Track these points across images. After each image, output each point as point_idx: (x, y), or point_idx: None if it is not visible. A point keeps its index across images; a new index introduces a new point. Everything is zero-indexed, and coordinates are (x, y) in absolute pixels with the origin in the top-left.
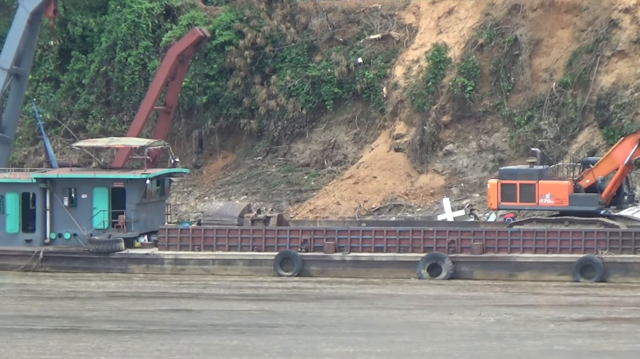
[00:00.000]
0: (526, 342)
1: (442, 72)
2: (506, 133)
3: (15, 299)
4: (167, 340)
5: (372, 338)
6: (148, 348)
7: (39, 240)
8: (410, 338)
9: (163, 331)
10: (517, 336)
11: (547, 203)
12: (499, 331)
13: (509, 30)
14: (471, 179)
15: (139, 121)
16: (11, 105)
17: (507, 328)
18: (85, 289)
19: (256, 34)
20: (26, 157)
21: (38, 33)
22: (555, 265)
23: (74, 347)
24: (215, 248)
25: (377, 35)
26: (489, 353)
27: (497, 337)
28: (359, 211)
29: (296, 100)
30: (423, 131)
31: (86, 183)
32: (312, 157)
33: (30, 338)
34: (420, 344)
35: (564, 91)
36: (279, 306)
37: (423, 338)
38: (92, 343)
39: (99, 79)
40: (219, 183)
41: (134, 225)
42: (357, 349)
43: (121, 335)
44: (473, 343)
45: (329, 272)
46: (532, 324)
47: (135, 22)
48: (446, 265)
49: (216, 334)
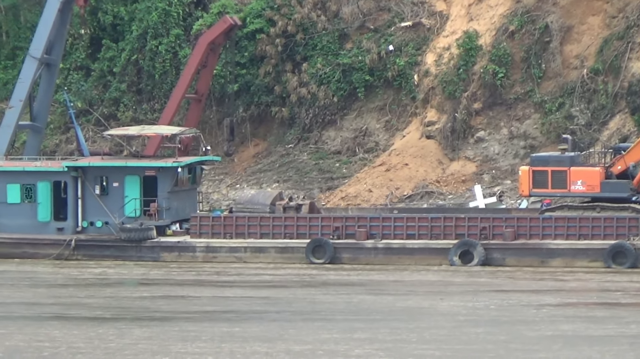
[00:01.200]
0: (504, 327)
1: (473, 59)
2: (537, 120)
3: (51, 287)
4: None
5: (355, 323)
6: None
7: (71, 229)
8: (394, 324)
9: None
10: (495, 322)
11: (578, 190)
12: (479, 317)
13: (540, 17)
14: (502, 166)
15: (170, 109)
16: (42, 94)
17: (492, 313)
18: (119, 276)
19: (287, 22)
20: (57, 145)
21: (69, 22)
22: (587, 252)
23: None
24: (247, 235)
25: (408, 23)
26: (460, 336)
27: (475, 322)
28: (390, 199)
29: (327, 87)
30: (454, 118)
31: (118, 171)
32: (343, 145)
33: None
34: (397, 330)
35: (595, 78)
36: (283, 293)
37: (404, 323)
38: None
39: (130, 67)
40: (251, 171)
41: (166, 213)
42: (342, 335)
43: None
44: (449, 329)
45: (360, 259)
46: (517, 310)
47: (166, 10)
48: (478, 251)
49: (207, 321)
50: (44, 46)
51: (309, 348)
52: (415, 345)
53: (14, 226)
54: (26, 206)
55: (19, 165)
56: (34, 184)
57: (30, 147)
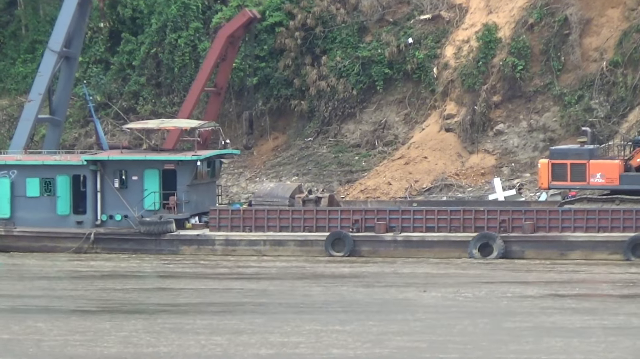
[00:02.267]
0: (480, 318)
1: (493, 52)
2: (557, 113)
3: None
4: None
5: (336, 316)
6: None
7: (90, 222)
8: (368, 316)
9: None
10: (473, 313)
11: (597, 183)
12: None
13: (559, 9)
14: (522, 159)
15: (189, 102)
16: (61, 87)
17: (474, 304)
18: (138, 270)
19: (306, 15)
20: (77, 139)
21: (88, 15)
22: (607, 244)
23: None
24: (266, 229)
25: (427, 16)
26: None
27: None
28: (409, 192)
29: (346, 80)
30: (474, 111)
31: (137, 164)
32: (362, 138)
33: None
34: (368, 321)
35: (615, 70)
36: (271, 285)
37: (382, 315)
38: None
39: (149, 61)
40: (270, 164)
41: (185, 207)
42: (324, 327)
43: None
44: (425, 320)
45: (380, 252)
46: (499, 301)
47: (185, 3)
48: (497, 244)
49: (191, 315)
50: (63, 39)
51: (291, 340)
52: (390, 336)
53: (33, 220)
54: (45, 199)
55: (38, 159)
56: (53, 178)
57: (50, 141)
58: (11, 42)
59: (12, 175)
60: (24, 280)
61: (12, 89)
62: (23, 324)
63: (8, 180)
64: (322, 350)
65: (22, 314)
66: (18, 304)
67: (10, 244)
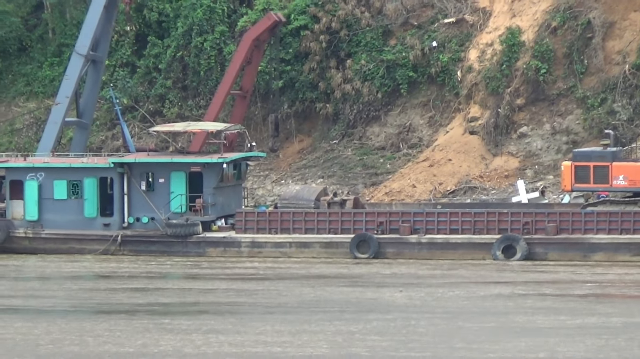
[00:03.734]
0: (436, 319)
1: (516, 55)
2: (580, 116)
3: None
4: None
5: (312, 316)
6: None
7: (117, 224)
8: (331, 316)
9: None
10: (434, 313)
11: (620, 185)
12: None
13: (582, 13)
14: (545, 161)
15: (215, 105)
16: (88, 91)
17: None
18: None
19: (331, 18)
20: (104, 141)
21: (114, 19)
22: (629, 246)
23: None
24: (292, 231)
25: (451, 19)
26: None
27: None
28: (434, 194)
29: (371, 83)
30: (497, 114)
31: (163, 167)
32: (387, 140)
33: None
34: (322, 321)
35: (637, 73)
36: (254, 285)
37: (340, 314)
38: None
39: (175, 64)
40: (295, 167)
41: (211, 209)
42: (290, 327)
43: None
44: (392, 320)
45: (404, 254)
46: (464, 301)
47: (210, 7)
48: (521, 246)
49: (170, 315)
50: (89, 43)
51: (251, 339)
52: (357, 335)
53: (60, 222)
54: (73, 202)
55: (66, 162)
56: (81, 180)
57: (77, 144)
58: (38, 45)
59: (40, 178)
60: (50, 280)
61: (40, 92)
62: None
63: (36, 182)
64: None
65: (53, 314)
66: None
67: (38, 246)
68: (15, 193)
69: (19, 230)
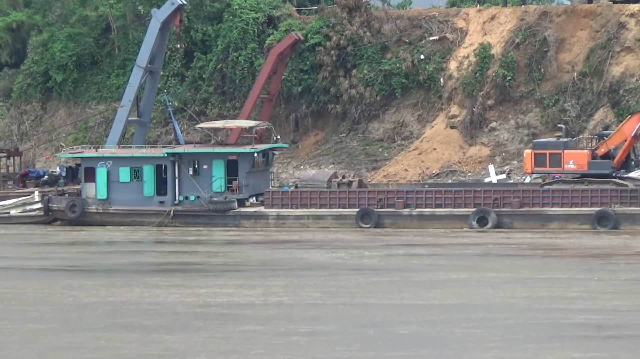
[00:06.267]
0: (334, 274)
1: (487, 65)
2: (538, 113)
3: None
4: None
5: (232, 274)
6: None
7: (170, 202)
8: (254, 273)
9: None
10: (333, 269)
11: (570, 168)
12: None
13: (540, 31)
14: (511, 149)
15: (248, 107)
16: (147, 95)
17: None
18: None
19: (340, 37)
20: (159, 136)
21: (167, 38)
22: (578, 217)
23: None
24: (309, 206)
25: (435, 37)
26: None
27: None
28: (422, 176)
29: (372, 88)
30: (472, 112)
31: (207, 156)
32: (385, 134)
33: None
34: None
35: (583, 79)
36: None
37: (263, 272)
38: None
39: (216, 74)
40: (312, 155)
41: (245, 189)
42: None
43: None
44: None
45: (399, 224)
46: (365, 261)
47: (244, 28)
48: (492, 217)
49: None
50: (148, 57)
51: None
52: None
53: (124, 201)
54: (134, 184)
55: (129, 152)
56: (141, 167)
57: (138, 138)
58: (107, 59)
59: (108, 165)
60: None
61: (108, 97)
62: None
63: (105, 169)
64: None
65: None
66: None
67: (107, 219)
68: (88, 177)
69: (91, 207)
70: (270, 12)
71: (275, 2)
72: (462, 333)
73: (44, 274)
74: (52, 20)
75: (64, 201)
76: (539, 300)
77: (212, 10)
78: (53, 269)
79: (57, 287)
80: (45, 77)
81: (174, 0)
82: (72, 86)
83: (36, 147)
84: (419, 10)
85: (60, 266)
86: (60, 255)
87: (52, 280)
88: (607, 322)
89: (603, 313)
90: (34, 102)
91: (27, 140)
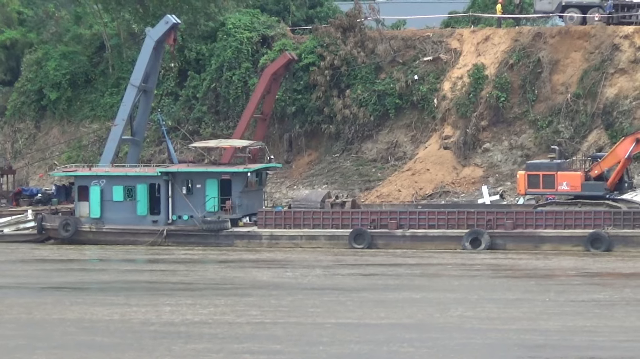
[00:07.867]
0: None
1: (481, 86)
2: (531, 134)
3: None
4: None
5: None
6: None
7: (163, 221)
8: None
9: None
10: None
11: (564, 189)
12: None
13: (534, 52)
14: (504, 171)
15: (241, 126)
16: (140, 114)
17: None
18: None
19: (334, 57)
20: (152, 155)
21: (161, 57)
22: (571, 238)
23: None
24: (302, 226)
25: (429, 58)
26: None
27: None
28: (415, 197)
29: (365, 109)
30: (466, 133)
31: (200, 175)
32: (378, 154)
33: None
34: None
35: (577, 101)
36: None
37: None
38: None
39: (210, 93)
40: (305, 175)
41: (238, 209)
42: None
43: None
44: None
45: (392, 245)
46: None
47: (238, 48)
48: (485, 238)
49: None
50: (141, 76)
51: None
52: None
53: (118, 219)
54: (128, 203)
55: (122, 171)
56: (134, 186)
57: (131, 157)
58: (101, 78)
59: (102, 184)
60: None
61: (101, 116)
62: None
63: (99, 187)
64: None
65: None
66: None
67: (100, 238)
68: (82, 195)
69: (84, 225)
70: (264, 32)
71: (269, 22)
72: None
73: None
74: (46, 39)
75: (57, 219)
76: (483, 320)
77: (206, 30)
78: (14, 286)
79: (16, 305)
80: (39, 95)
81: (168, 19)
82: (66, 104)
83: (30, 165)
84: (413, 31)
85: (26, 284)
86: (28, 272)
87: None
88: (535, 342)
89: (535, 334)
90: (27, 120)
91: (21, 158)
